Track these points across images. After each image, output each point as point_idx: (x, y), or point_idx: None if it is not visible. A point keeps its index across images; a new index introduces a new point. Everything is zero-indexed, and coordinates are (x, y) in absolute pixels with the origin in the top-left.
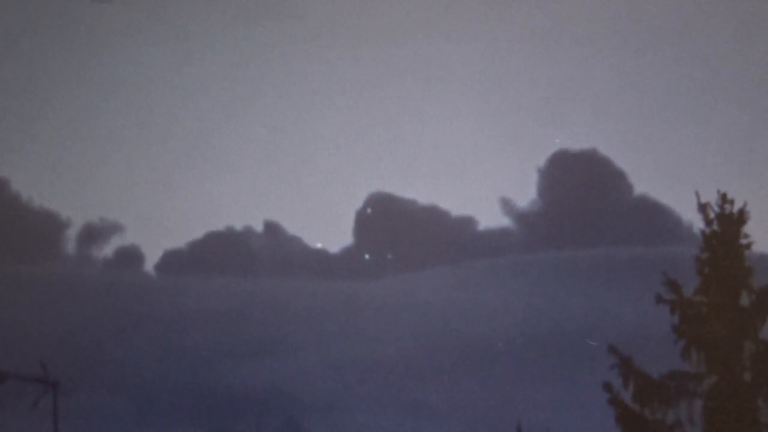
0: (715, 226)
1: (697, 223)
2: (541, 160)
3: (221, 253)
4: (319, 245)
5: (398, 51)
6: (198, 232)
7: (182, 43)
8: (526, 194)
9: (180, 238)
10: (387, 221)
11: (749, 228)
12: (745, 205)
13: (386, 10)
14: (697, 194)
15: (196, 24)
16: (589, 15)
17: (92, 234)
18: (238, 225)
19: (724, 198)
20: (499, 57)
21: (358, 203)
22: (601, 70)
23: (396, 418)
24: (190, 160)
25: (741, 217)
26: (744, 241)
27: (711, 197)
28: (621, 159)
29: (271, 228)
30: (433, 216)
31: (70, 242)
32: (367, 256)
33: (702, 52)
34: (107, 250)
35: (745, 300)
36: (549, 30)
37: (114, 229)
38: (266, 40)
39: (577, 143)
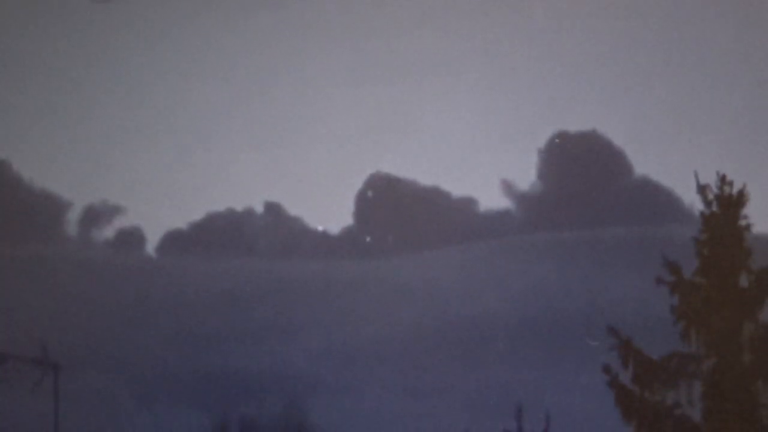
0: (714, 208)
1: (697, 204)
2: (542, 142)
3: (222, 233)
4: (320, 227)
5: (399, 36)
6: (199, 213)
7: (183, 32)
8: (527, 175)
9: (181, 219)
10: (387, 202)
11: (748, 209)
12: (744, 186)
13: None
14: (696, 175)
15: (195, 13)
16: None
17: (94, 216)
18: (239, 206)
19: (723, 179)
20: (500, 40)
21: (359, 183)
22: (601, 52)
23: (397, 399)
24: (191, 142)
25: (740, 199)
26: (743, 223)
27: (710, 178)
28: (621, 140)
29: (272, 209)
30: (434, 197)
31: (71, 224)
32: (368, 239)
33: (702, 36)
34: (108, 231)
35: (744, 281)
36: (550, 14)
37: (115, 211)
38: (266, 28)
39: (576, 124)
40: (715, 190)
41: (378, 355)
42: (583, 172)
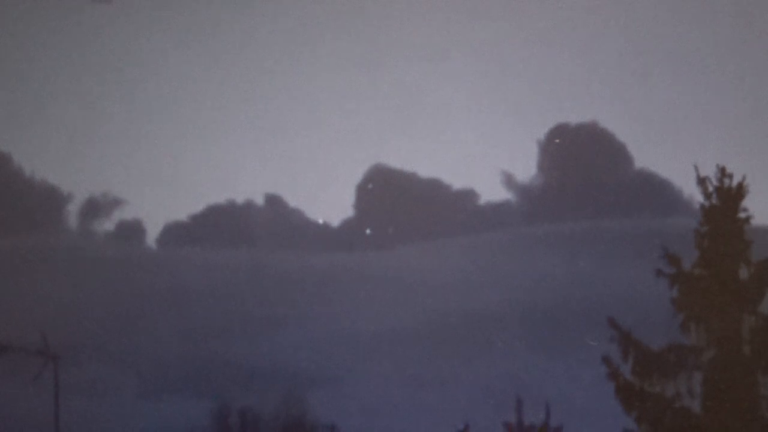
0: (714, 200)
1: (697, 197)
2: (542, 134)
3: (222, 225)
4: (320, 220)
5: (398, 28)
6: (199, 205)
7: (183, 26)
8: (527, 167)
9: (181, 211)
10: (388, 194)
11: (748, 202)
12: (744, 179)
13: None
14: (696, 168)
15: (195, 9)
16: None
17: (94, 208)
18: (240, 197)
19: (723, 172)
20: (500, 32)
21: (359, 175)
22: (602, 44)
23: (398, 391)
24: (191, 135)
25: (740, 191)
26: (743, 215)
27: (711, 171)
28: (621, 132)
29: (273, 200)
30: (435, 189)
31: (72, 216)
32: (368, 231)
33: (703, 28)
34: (109, 223)
35: (744, 273)
36: (550, 6)
37: (116, 203)
38: (266, 21)
39: (577, 116)
40: (715, 182)
41: (378, 347)
42: (583, 163)
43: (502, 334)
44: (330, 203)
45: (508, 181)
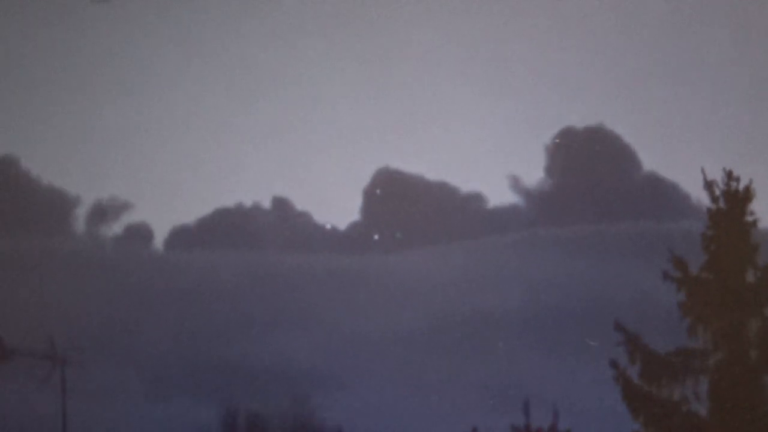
0: (721, 204)
1: (705, 200)
2: (549, 137)
3: (230, 229)
4: (327, 225)
5: (404, 28)
6: (206, 208)
7: (186, 26)
8: (535, 171)
9: (189, 215)
10: (395, 197)
11: (755, 205)
12: (750, 182)
13: None
14: (703, 171)
15: (200, 12)
16: None
17: (102, 212)
18: (247, 201)
19: (729, 175)
20: (506, 33)
21: (366, 178)
22: (608, 46)
23: (404, 394)
24: (199, 139)
25: (747, 195)
26: (750, 218)
27: (718, 174)
28: (629, 135)
29: (280, 203)
30: (442, 192)
31: (79, 220)
32: (376, 237)
33: (711, 31)
34: (116, 227)
35: (750, 276)
36: (556, 7)
37: (123, 206)
38: (272, 24)
39: (584, 119)
40: (722, 186)
41: (385, 350)
42: (590, 167)
43: (509, 337)
44: (337, 206)
45: (516, 184)
